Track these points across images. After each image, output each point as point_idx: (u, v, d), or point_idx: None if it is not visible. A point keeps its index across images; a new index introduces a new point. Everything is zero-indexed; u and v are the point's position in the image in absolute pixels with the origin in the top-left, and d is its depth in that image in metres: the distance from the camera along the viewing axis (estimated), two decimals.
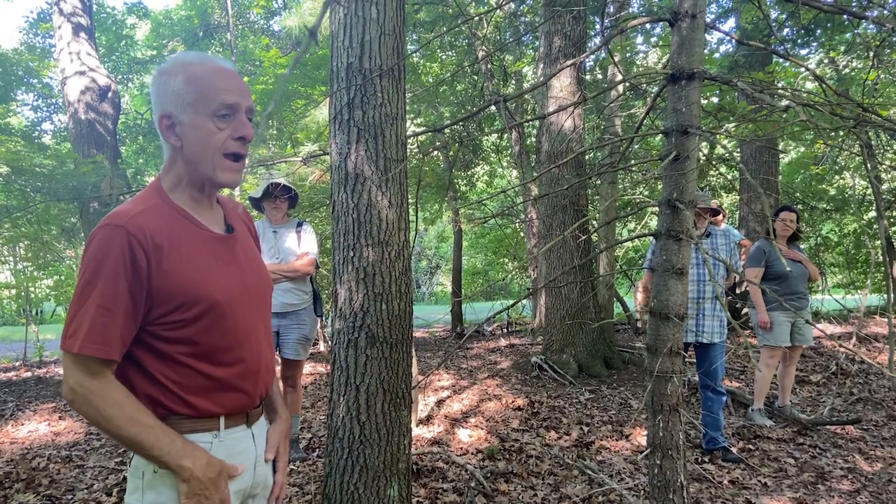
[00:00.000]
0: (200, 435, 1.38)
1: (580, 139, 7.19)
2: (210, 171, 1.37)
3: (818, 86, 2.69)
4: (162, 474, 1.33)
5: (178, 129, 1.36)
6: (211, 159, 1.36)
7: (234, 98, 1.36)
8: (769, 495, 3.74)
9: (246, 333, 1.44)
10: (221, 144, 1.36)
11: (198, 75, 1.35)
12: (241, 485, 1.45)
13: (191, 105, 1.34)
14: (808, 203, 11.52)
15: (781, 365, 5.34)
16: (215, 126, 1.35)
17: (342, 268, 2.71)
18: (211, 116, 1.34)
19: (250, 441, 1.49)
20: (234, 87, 1.37)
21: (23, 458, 4.61)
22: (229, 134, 1.36)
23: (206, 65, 1.38)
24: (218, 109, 1.34)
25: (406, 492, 2.78)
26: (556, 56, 7.11)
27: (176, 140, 1.37)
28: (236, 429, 1.45)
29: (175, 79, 1.35)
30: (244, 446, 1.47)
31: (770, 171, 9.56)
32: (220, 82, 1.36)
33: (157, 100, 1.37)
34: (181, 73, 1.35)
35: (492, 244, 15.63)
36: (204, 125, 1.34)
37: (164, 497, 1.33)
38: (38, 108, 13.22)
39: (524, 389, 6.50)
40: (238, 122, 1.37)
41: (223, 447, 1.41)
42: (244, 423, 1.47)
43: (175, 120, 1.35)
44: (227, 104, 1.35)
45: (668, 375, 2.50)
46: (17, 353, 10.59)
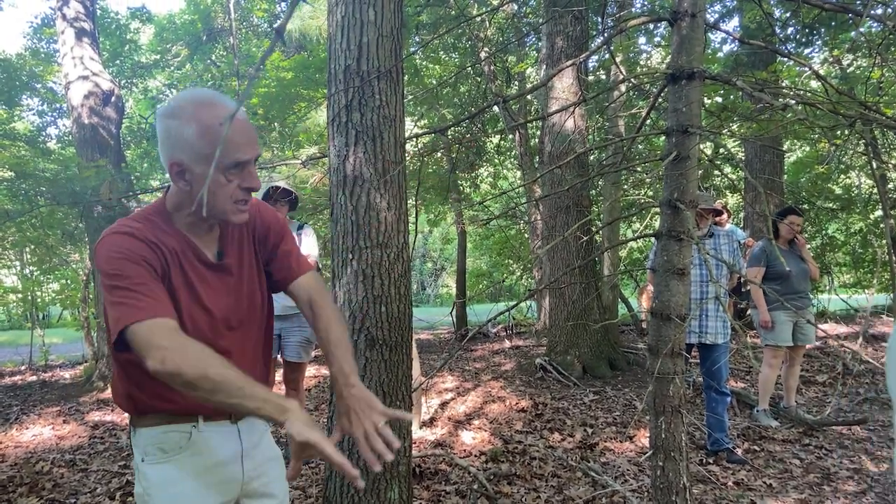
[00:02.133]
0: (178, 426, 1.48)
1: (583, 140, 7.17)
2: (222, 215, 1.43)
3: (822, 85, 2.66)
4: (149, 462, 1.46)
5: (188, 177, 1.40)
6: (222, 206, 1.42)
7: (247, 155, 1.40)
8: (774, 497, 3.71)
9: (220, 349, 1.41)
10: (231, 194, 1.41)
11: (210, 127, 1.36)
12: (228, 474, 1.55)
13: (204, 158, 1.37)
14: (814, 202, 11.46)
15: (786, 365, 5.31)
16: (226, 179, 1.39)
17: (341, 270, 2.70)
18: (223, 171, 1.38)
19: (234, 435, 1.57)
20: (245, 142, 1.39)
21: (27, 462, 4.62)
22: (238, 184, 1.41)
23: (219, 113, 1.37)
24: (230, 166, 1.38)
25: (407, 494, 2.77)
26: (558, 57, 7.10)
27: (185, 185, 1.42)
28: (219, 423, 1.54)
29: (187, 128, 1.36)
30: (227, 439, 1.55)
31: (775, 171, 9.52)
32: (233, 138, 1.36)
33: (167, 145, 1.39)
34: (193, 123, 1.36)
35: (496, 246, 15.60)
36: (215, 178, 1.38)
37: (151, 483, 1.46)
38: (42, 113, 13.27)
39: (528, 391, 6.48)
40: (247, 174, 1.42)
41: (203, 438, 1.51)
42: (227, 420, 1.55)
43: (186, 168, 1.39)
44: (238, 161, 1.39)
45: (670, 376, 2.49)
46: (22, 356, 10.62)
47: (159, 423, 1.48)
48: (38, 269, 10.61)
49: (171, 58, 14.32)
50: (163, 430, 1.48)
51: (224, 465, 1.54)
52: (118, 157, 8.10)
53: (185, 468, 1.48)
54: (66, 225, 8.01)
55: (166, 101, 1.57)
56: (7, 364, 10.29)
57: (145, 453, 1.47)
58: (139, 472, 1.48)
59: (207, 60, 14.68)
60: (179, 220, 1.48)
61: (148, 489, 1.46)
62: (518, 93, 10.32)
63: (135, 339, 1.26)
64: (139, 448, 1.49)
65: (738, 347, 7.46)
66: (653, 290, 2.59)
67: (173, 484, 1.46)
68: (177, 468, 1.47)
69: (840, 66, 9.98)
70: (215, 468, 1.53)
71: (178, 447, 1.48)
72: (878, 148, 9.09)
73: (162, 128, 1.40)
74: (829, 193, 11.69)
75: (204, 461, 1.51)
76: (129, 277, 1.32)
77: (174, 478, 1.47)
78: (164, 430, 1.48)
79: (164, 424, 1.48)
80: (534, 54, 12.17)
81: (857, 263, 12.55)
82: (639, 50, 10.52)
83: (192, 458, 1.49)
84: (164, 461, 1.46)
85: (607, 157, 8.04)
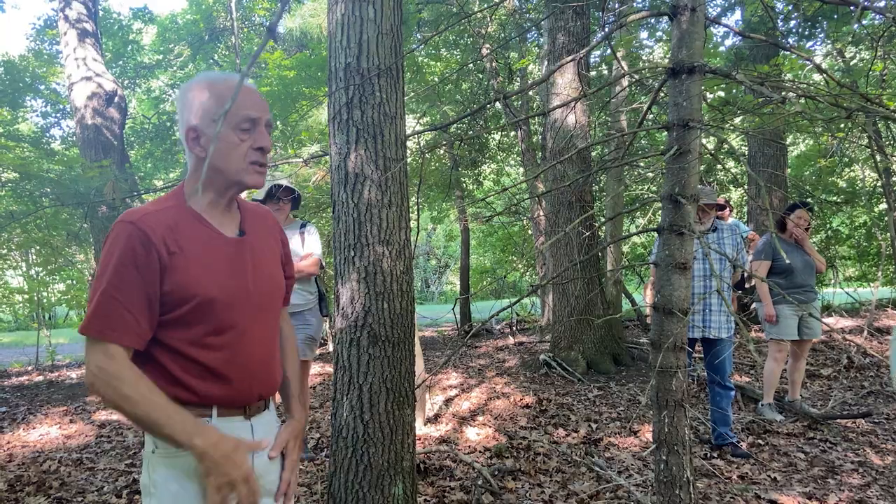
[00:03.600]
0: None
1: (585, 135, 7.17)
2: (237, 176, 1.48)
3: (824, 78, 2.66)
4: (159, 454, 1.46)
5: (202, 141, 1.47)
6: (236, 166, 1.47)
7: (256, 113, 1.47)
8: (778, 490, 3.72)
9: (240, 330, 1.51)
10: (245, 154, 1.47)
11: (222, 92, 1.48)
12: None
13: (215, 118, 1.46)
14: (818, 196, 11.43)
15: (791, 359, 5.30)
16: (238, 138, 1.46)
17: (343, 267, 2.72)
18: (234, 129, 1.45)
19: (248, 432, 1.56)
20: (255, 103, 1.48)
21: (34, 462, 4.65)
22: (250, 144, 1.48)
23: (230, 83, 1.50)
24: (241, 123, 1.45)
25: (411, 490, 2.78)
26: (559, 53, 7.10)
27: (200, 151, 1.49)
28: (232, 418, 1.53)
29: (201, 94, 1.48)
30: (238, 435, 1.52)
31: (778, 165, 9.49)
32: (243, 99, 1.47)
33: (184, 114, 1.49)
34: (207, 90, 1.48)
35: (499, 242, 15.60)
36: (228, 137, 1.45)
37: (158, 476, 1.46)
38: (46, 115, 13.32)
39: (532, 387, 6.49)
40: (258, 134, 1.49)
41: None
42: (241, 415, 1.55)
43: (200, 132, 1.47)
44: (249, 118, 1.46)
45: (673, 371, 2.49)
46: (29, 357, 10.68)
47: None
48: (44, 270, 10.65)
49: (173, 58, 14.34)
50: None
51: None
52: (122, 158, 8.14)
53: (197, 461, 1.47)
54: (70, 225, 8.04)
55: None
56: (14, 364, 10.34)
57: (156, 444, 1.47)
58: (148, 462, 1.49)
59: (210, 60, 14.71)
60: (197, 203, 1.53)
61: (156, 480, 1.47)
62: (519, 89, 10.31)
63: (88, 347, 1.38)
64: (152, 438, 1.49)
65: (742, 342, 7.45)
66: (655, 285, 2.60)
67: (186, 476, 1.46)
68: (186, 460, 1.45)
69: (843, 58, 9.95)
70: None
71: None
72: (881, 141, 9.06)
73: (179, 102, 1.51)
74: (833, 187, 11.64)
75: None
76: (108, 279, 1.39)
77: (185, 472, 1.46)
78: None
79: None
80: (536, 50, 12.15)
81: (862, 257, 12.52)
82: (641, 45, 10.51)
83: None
84: (176, 455, 1.45)
85: (609, 152, 8.03)
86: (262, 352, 1.58)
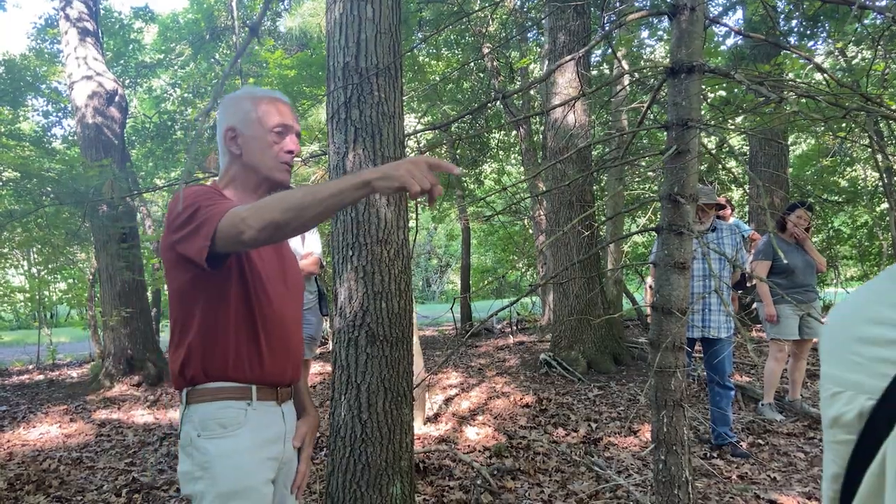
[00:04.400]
0: (234, 402, 1.55)
1: (586, 135, 7.16)
2: (268, 172, 1.64)
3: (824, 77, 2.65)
4: (206, 437, 1.51)
5: (239, 140, 1.65)
6: (269, 163, 1.64)
7: (289, 122, 1.67)
8: (778, 490, 3.71)
9: (280, 316, 1.63)
10: (277, 154, 1.65)
11: (262, 101, 1.66)
12: (275, 452, 1.62)
13: (254, 122, 1.64)
14: (819, 196, 11.42)
15: (791, 359, 5.29)
16: (271, 140, 1.64)
17: (342, 267, 2.71)
18: (268, 131, 1.63)
19: (279, 417, 1.66)
20: (288, 114, 1.69)
21: (34, 460, 4.66)
22: (282, 147, 1.65)
23: (270, 96, 1.69)
24: (275, 127, 1.64)
25: (409, 489, 2.78)
26: (560, 52, 7.09)
27: (236, 149, 1.65)
28: (267, 402, 1.61)
29: (244, 102, 1.67)
30: (274, 419, 1.64)
31: (779, 165, 9.48)
32: (280, 109, 1.67)
33: (225, 116, 1.67)
34: (249, 99, 1.67)
35: (500, 242, 15.60)
36: (263, 137, 1.63)
37: (209, 455, 1.50)
38: (47, 114, 13.31)
39: (532, 387, 6.49)
40: (289, 140, 1.67)
41: (256, 416, 1.57)
42: (274, 400, 1.64)
43: (238, 132, 1.64)
44: (283, 124, 1.65)
45: (672, 370, 2.49)
46: (30, 355, 10.70)
47: (215, 399, 1.54)
48: (45, 269, 10.67)
49: (174, 57, 14.33)
50: (220, 405, 1.53)
51: (272, 443, 1.61)
52: (122, 157, 8.13)
53: (245, 442, 1.53)
54: (71, 225, 8.04)
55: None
56: (15, 363, 10.36)
57: (202, 428, 1.52)
58: (192, 448, 1.52)
59: (211, 59, 14.70)
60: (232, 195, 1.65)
61: (206, 462, 1.49)
62: (517, 88, 10.30)
63: (221, 231, 1.36)
64: (193, 424, 1.53)
65: (742, 341, 7.44)
66: (654, 285, 2.60)
67: (238, 454, 1.51)
68: (236, 441, 1.52)
69: (845, 58, 9.93)
70: (267, 445, 1.59)
71: (237, 423, 1.53)
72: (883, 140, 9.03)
73: (221, 109, 1.69)
74: (834, 186, 11.64)
75: (260, 436, 1.57)
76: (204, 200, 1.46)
77: (237, 449, 1.52)
78: (221, 406, 1.53)
79: (220, 400, 1.54)
80: (537, 50, 12.14)
81: (864, 256, 12.51)
82: (642, 44, 10.49)
83: (249, 432, 1.54)
84: (224, 436, 1.51)
85: (609, 151, 8.02)
86: (296, 340, 1.70)
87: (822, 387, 0.72)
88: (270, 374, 1.60)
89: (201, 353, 1.53)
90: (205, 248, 1.37)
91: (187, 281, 1.53)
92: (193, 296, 1.54)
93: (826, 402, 0.71)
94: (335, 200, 1.28)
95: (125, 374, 7.67)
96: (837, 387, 0.68)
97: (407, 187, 1.24)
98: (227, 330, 1.53)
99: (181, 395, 1.58)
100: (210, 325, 1.53)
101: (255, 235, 1.30)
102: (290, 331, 1.67)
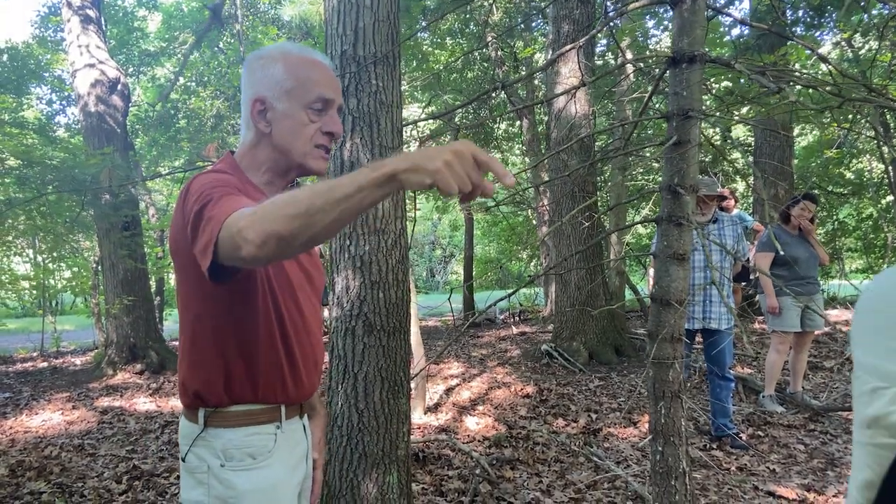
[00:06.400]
0: (263, 427, 1.35)
1: (589, 125, 7.13)
2: (301, 158, 1.34)
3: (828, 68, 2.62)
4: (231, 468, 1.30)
5: (269, 115, 1.33)
6: (302, 148, 1.33)
7: (331, 94, 1.35)
8: (777, 482, 3.71)
9: (309, 326, 1.42)
10: (312, 136, 1.33)
11: (298, 65, 1.34)
12: (301, 473, 1.46)
13: (287, 93, 1.32)
14: (824, 187, 11.35)
15: (793, 351, 5.28)
16: (308, 118, 1.33)
17: (339, 256, 2.71)
18: (305, 108, 1.33)
19: (303, 433, 1.49)
20: (331, 83, 1.36)
21: (35, 447, 4.68)
22: (319, 127, 1.34)
23: (306, 56, 1.36)
24: (313, 102, 1.33)
25: (405, 479, 2.78)
26: (564, 41, 7.04)
27: (265, 126, 1.34)
28: (293, 420, 1.43)
29: (274, 65, 1.34)
30: (299, 438, 1.46)
31: (784, 156, 9.42)
32: (319, 76, 1.34)
33: (252, 83, 1.35)
34: (281, 61, 1.34)
35: (503, 233, 15.58)
36: (297, 115, 1.32)
37: (235, 491, 1.30)
38: (51, 102, 13.34)
39: (533, 377, 6.49)
40: (329, 118, 1.36)
41: (285, 439, 1.39)
42: (298, 415, 1.46)
43: (268, 105, 1.33)
44: (323, 98, 1.33)
45: (669, 361, 2.49)
46: (34, 343, 10.75)
47: (241, 425, 1.33)
48: (49, 257, 10.70)
49: (177, 45, 14.30)
50: (247, 432, 1.33)
51: (299, 462, 1.47)
52: (125, 145, 8.13)
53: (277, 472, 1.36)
54: (73, 212, 8.06)
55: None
56: (20, 350, 10.41)
57: (226, 458, 1.31)
58: (211, 477, 1.31)
59: (215, 48, 14.67)
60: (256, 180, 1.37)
61: (232, 498, 1.30)
62: (516, 78, 10.25)
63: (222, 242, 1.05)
64: (212, 450, 1.31)
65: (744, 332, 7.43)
66: (653, 276, 2.59)
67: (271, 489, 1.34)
68: (267, 474, 1.33)
69: (852, 48, 9.85)
70: (295, 468, 1.44)
71: (267, 450, 1.34)
72: (889, 132, 8.97)
73: (247, 70, 1.37)
74: (840, 178, 11.57)
75: (289, 462, 1.41)
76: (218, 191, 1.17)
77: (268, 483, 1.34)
78: (249, 433, 1.33)
79: (248, 426, 1.33)
80: (542, 40, 12.08)
81: (868, 249, 12.45)
82: (647, 33, 10.42)
83: (280, 460, 1.37)
84: (253, 467, 1.32)
85: (612, 141, 7.99)
86: (319, 341, 1.49)
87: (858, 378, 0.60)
88: (300, 391, 1.41)
89: (224, 372, 1.31)
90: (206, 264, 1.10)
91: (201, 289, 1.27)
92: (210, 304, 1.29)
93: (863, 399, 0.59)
94: (354, 202, 0.97)
95: (127, 362, 7.70)
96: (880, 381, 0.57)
97: (440, 187, 0.94)
98: (255, 346, 1.31)
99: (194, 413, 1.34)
100: (233, 340, 1.30)
101: (255, 253, 0.99)
102: (316, 338, 1.46)
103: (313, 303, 1.46)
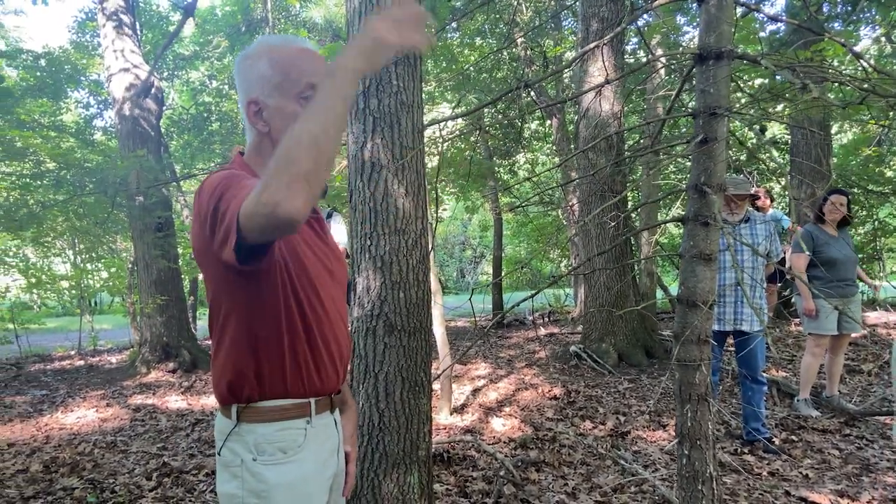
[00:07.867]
0: (293, 422, 1.37)
1: (618, 123, 7.04)
2: None
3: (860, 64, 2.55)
4: (263, 462, 1.33)
5: (265, 115, 1.36)
6: None
7: (318, 79, 1.34)
8: (809, 488, 3.61)
9: (332, 317, 1.43)
10: None
11: (281, 57, 1.35)
12: (332, 467, 1.48)
13: (276, 88, 1.34)
14: (864, 186, 11.04)
15: (829, 354, 5.14)
16: (301, 108, 1.33)
17: (360, 256, 2.71)
18: (296, 98, 1.34)
19: (334, 428, 1.50)
20: (317, 67, 1.36)
21: (69, 444, 4.79)
22: None
23: (290, 46, 1.38)
24: (303, 91, 1.34)
25: (426, 479, 2.77)
26: (592, 40, 6.97)
27: (263, 125, 1.37)
28: (323, 415, 1.45)
29: (259, 62, 1.35)
30: (330, 432, 1.47)
31: (821, 154, 9.19)
32: (304, 63, 1.35)
33: (243, 85, 1.38)
34: (265, 57, 1.36)
35: (533, 233, 15.49)
36: (290, 107, 1.34)
37: (267, 484, 1.33)
38: (88, 106, 13.65)
39: (561, 379, 6.43)
40: None
41: (315, 433, 1.41)
42: (328, 409, 1.47)
43: (262, 105, 1.35)
44: (311, 85, 1.34)
45: (696, 364, 2.44)
46: (73, 342, 11.02)
47: (273, 420, 1.36)
48: (87, 258, 10.96)
49: (211, 49, 14.53)
50: (279, 427, 1.36)
51: (330, 457, 1.48)
52: (158, 148, 8.28)
53: (307, 466, 1.39)
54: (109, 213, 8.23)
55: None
56: (58, 349, 10.68)
57: (258, 452, 1.34)
58: (244, 471, 1.34)
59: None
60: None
61: (264, 491, 1.33)
62: (541, 76, 10.17)
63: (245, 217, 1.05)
64: (245, 445, 1.34)
65: (775, 335, 7.27)
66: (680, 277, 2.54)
67: (301, 482, 1.37)
68: (298, 468, 1.37)
69: (892, 44, 9.58)
70: (326, 463, 1.46)
71: (297, 445, 1.37)
72: None
73: (238, 72, 1.39)
74: (880, 177, 11.23)
75: (320, 456, 1.43)
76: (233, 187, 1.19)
77: (299, 477, 1.37)
78: (280, 428, 1.36)
79: (279, 421, 1.36)
80: (572, 39, 11.99)
81: None
82: (679, 30, 10.27)
83: (311, 454, 1.40)
84: (284, 461, 1.35)
85: (642, 139, 7.89)
86: (344, 334, 1.49)
87: None
88: (328, 383, 1.43)
89: (255, 367, 1.33)
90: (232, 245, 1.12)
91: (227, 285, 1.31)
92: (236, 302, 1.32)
93: None
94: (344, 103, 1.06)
95: (160, 361, 7.84)
96: None
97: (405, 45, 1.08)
98: (280, 339, 1.33)
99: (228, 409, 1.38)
100: (260, 335, 1.32)
101: (290, 205, 1.00)
102: (341, 330, 1.46)
103: (336, 295, 1.46)
